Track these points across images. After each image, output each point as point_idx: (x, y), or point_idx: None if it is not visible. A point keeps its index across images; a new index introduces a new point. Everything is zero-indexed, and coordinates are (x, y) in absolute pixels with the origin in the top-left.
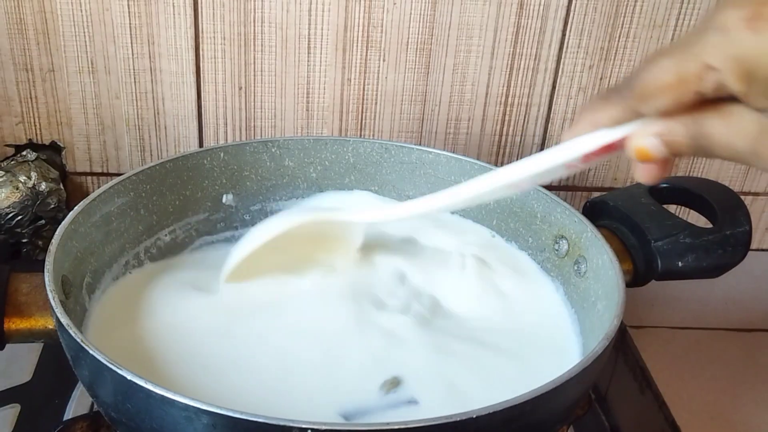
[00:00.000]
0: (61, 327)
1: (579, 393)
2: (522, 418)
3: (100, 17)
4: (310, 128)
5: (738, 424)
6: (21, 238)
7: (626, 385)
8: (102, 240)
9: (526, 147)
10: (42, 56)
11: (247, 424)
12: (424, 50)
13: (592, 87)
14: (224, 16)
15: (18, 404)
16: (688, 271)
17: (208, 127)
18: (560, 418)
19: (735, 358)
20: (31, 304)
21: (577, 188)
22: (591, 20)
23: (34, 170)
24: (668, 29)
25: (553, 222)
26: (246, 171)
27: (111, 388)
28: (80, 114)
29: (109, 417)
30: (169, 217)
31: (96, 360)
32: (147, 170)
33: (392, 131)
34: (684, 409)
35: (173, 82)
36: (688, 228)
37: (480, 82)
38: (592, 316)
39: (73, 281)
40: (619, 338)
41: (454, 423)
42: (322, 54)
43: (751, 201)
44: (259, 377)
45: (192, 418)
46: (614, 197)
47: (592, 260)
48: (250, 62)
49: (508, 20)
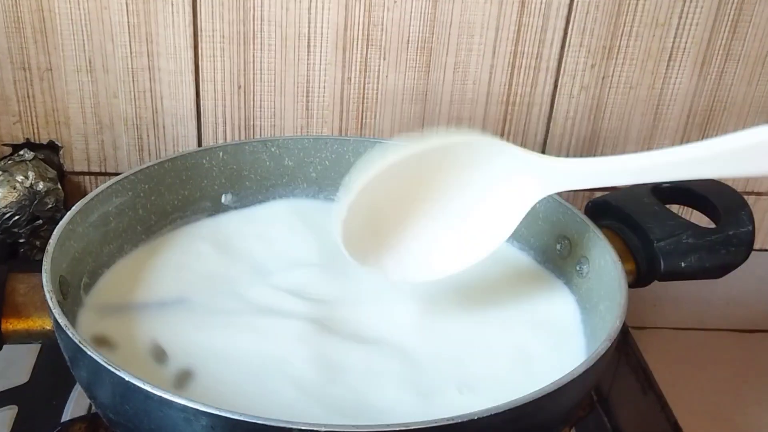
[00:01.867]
0: (59, 328)
1: (581, 394)
2: (524, 419)
3: (99, 16)
4: (310, 127)
5: (740, 425)
6: (18, 238)
7: (628, 386)
8: (100, 240)
9: (528, 146)
10: (40, 55)
11: (246, 426)
12: (425, 49)
13: (594, 86)
14: (223, 14)
15: (15, 406)
16: (691, 271)
17: (207, 126)
18: (562, 419)
19: (738, 358)
20: (29, 305)
21: None
22: (593, 19)
23: (31, 170)
24: (671, 28)
25: (555, 222)
26: (245, 171)
27: (109, 389)
28: (78, 113)
29: (107, 418)
30: (167, 217)
31: (94, 361)
32: (145, 170)
33: (393, 130)
34: (686, 410)
35: (172, 81)
36: (690, 228)
37: (481, 81)
38: (594, 317)
39: (71, 281)
40: (622, 339)
41: (455, 424)
42: (322, 53)
43: (755, 201)
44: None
45: (191, 420)
46: (616, 197)
47: (595, 261)
48: (249, 61)
49: (509, 19)
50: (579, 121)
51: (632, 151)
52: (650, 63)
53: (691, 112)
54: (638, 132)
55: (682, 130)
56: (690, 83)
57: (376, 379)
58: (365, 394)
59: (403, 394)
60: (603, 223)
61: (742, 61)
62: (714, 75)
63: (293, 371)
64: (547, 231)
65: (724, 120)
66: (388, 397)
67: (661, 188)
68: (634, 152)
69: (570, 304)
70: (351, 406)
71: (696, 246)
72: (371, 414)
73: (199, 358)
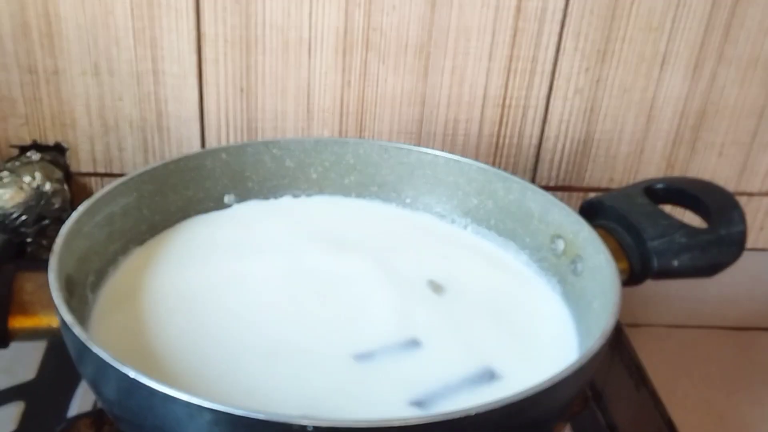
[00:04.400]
0: (65, 325)
1: (575, 390)
2: (519, 415)
3: (104, 20)
4: (311, 130)
5: (733, 421)
6: (26, 237)
7: (622, 382)
8: (105, 239)
9: (523, 148)
10: (46, 58)
11: (248, 422)
12: (423, 53)
13: (588, 89)
14: (226, 19)
15: (23, 402)
16: (684, 270)
17: (210, 128)
18: (557, 415)
19: (730, 356)
20: (36, 303)
21: (574, 188)
22: (588, 23)
23: (38, 171)
24: (664, 32)
25: (550, 222)
26: (247, 172)
27: (114, 385)
28: (84, 115)
29: (112, 414)
30: (171, 216)
31: (99, 358)
32: (150, 171)
33: (391, 132)
34: (679, 407)
35: (176, 84)
36: (683, 228)
37: (478, 84)
38: (588, 315)
39: (77, 280)
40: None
41: (452, 420)
42: (322, 57)
43: (746, 201)
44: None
45: (194, 415)
46: (610, 198)
47: (589, 259)
48: (251, 65)
49: (505, 23)
50: (573, 123)
51: (625, 152)
52: (644, 66)
53: (684, 114)
54: (632, 134)
55: (674, 132)
56: (683, 86)
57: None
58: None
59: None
60: (597, 222)
61: (735, 65)
62: (707, 78)
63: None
64: (542, 230)
65: (716, 122)
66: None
67: (655, 189)
68: (627, 153)
69: (564, 302)
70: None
71: (688, 245)
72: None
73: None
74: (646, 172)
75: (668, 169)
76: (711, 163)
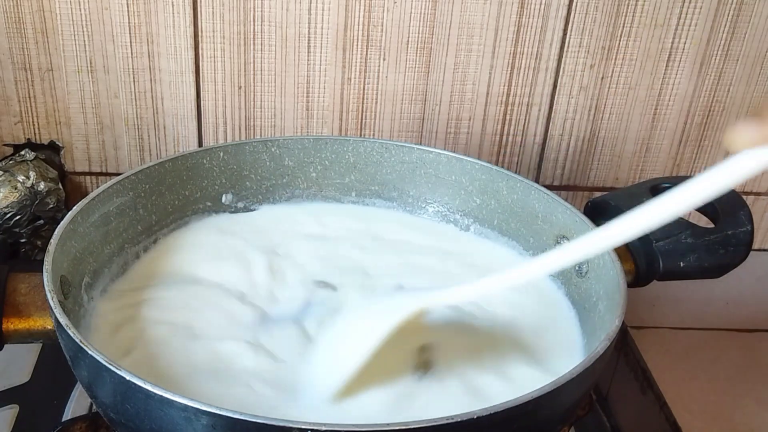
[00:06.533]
0: (60, 327)
1: (580, 393)
2: (523, 418)
3: (99, 16)
4: (310, 128)
5: (739, 424)
6: (19, 237)
7: (627, 385)
8: (101, 240)
9: (527, 146)
10: (41, 55)
11: (246, 425)
12: (425, 49)
13: (593, 86)
14: (224, 15)
15: (17, 405)
16: (690, 271)
17: (208, 126)
18: (561, 418)
19: (736, 358)
20: (30, 305)
21: (578, 188)
22: (592, 19)
23: (32, 170)
24: (669, 28)
25: (555, 222)
26: (246, 171)
27: (110, 388)
28: (79, 113)
29: (108, 418)
30: (168, 216)
31: (95, 360)
32: (146, 170)
33: (392, 131)
34: (685, 410)
35: (172, 81)
36: (689, 228)
37: (481, 81)
38: (593, 317)
39: (72, 281)
40: (621, 339)
41: (455, 423)
42: (322, 53)
43: (753, 201)
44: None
45: (191, 419)
46: (615, 197)
47: (594, 260)
48: (249, 61)
49: (509, 19)
50: (578, 121)
51: (630, 151)
52: (649, 63)
53: (690, 112)
54: (637, 132)
55: (680, 130)
56: (689, 83)
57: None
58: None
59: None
60: (602, 222)
61: (741, 62)
62: (713, 75)
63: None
64: (546, 230)
65: (722, 120)
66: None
67: (661, 188)
68: (632, 151)
69: (569, 303)
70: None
71: (695, 246)
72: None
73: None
74: (652, 171)
75: (674, 168)
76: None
